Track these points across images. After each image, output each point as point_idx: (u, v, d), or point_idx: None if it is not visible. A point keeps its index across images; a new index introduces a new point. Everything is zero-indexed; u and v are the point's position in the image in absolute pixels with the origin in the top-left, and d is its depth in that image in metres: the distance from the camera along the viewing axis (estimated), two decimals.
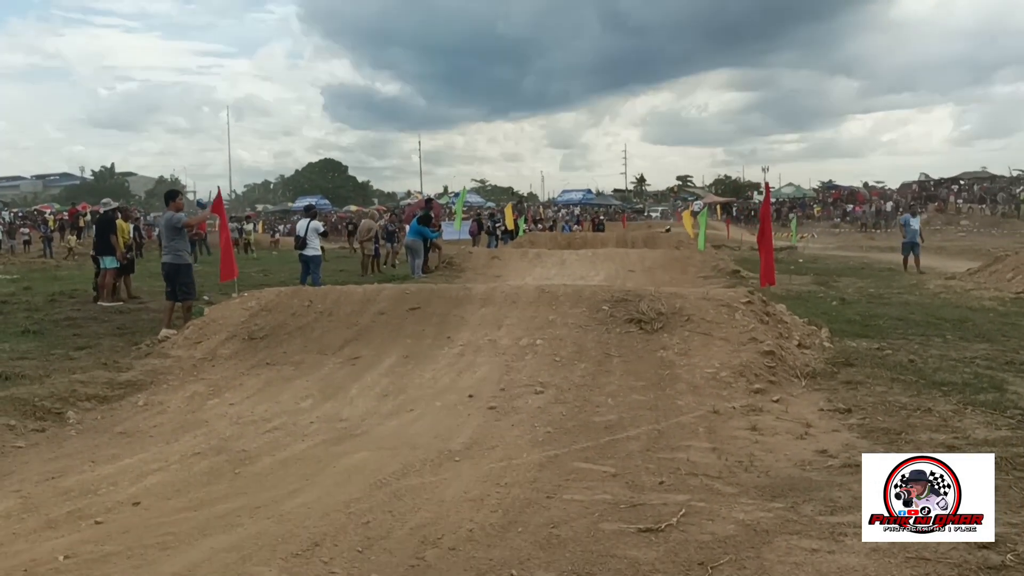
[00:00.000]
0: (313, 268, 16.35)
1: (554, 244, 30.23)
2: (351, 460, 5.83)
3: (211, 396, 7.85)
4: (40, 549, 4.35)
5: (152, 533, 4.52)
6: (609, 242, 32.77)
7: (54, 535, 4.58)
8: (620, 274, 19.49)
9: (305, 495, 5.12)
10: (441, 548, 4.21)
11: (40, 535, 4.59)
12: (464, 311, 9.87)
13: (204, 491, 5.29)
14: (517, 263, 21.80)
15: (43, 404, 7.21)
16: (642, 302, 9.23)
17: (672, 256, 22.05)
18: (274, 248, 43.90)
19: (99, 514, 4.87)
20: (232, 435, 6.60)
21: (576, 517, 4.57)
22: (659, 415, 6.69)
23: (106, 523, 4.73)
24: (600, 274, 19.67)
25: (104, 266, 15.20)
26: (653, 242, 32.84)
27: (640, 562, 3.98)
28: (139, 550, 4.27)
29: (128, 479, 5.53)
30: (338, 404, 7.47)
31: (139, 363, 8.98)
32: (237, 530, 4.53)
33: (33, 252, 39.35)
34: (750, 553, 4.02)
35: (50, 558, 4.19)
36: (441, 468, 5.57)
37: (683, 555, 4.04)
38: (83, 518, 4.83)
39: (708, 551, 4.07)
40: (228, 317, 10.18)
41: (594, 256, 22.57)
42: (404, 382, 8.02)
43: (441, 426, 6.63)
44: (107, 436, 6.71)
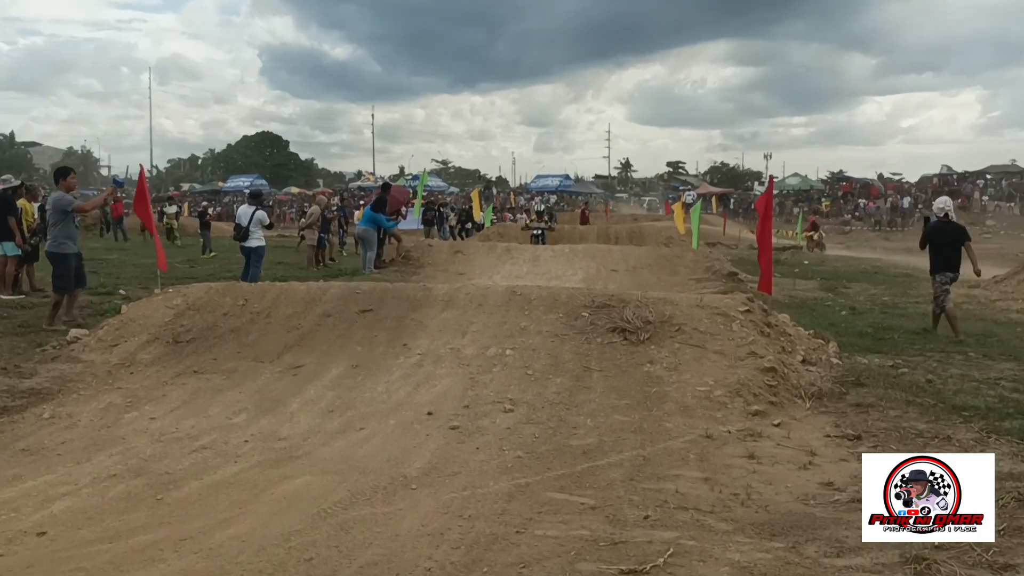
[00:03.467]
0: (254, 260, 16.32)
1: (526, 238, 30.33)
2: (291, 486, 5.84)
3: (129, 408, 7.82)
4: None
5: (60, 568, 4.51)
6: (589, 236, 32.94)
7: None
8: (601, 274, 19.63)
9: (238, 526, 5.12)
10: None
11: None
12: (423, 315, 9.90)
13: (121, 520, 5.29)
14: (484, 259, 21.86)
15: None
16: (627, 309, 9.31)
17: (660, 255, 22.20)
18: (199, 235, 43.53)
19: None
20: (153, 455, 6.58)
21: (549, 556, 4.62)
22: (644, 439, 6.77)
23: (6, 555, 4.72)
24: (578, 274, 19.79)
25: (2, 253, 15.03)
26: (639, 238, 33.06)
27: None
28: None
29: (32, 504, 5.51)
30: (276, 420, 7.47)
31: (44, 368, 8.91)
32: (159, 566, 4.53)
33: None
34: None
35: None
36: (395, 497, 5.59)
37: None
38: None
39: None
40: (149, 317, 10.12)
41: (572, 253, 22.69)
42: (353, 396, 8.03)
43: (395, 448, 6.65)
44: (7, 454, 6.66)
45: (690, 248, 24.27)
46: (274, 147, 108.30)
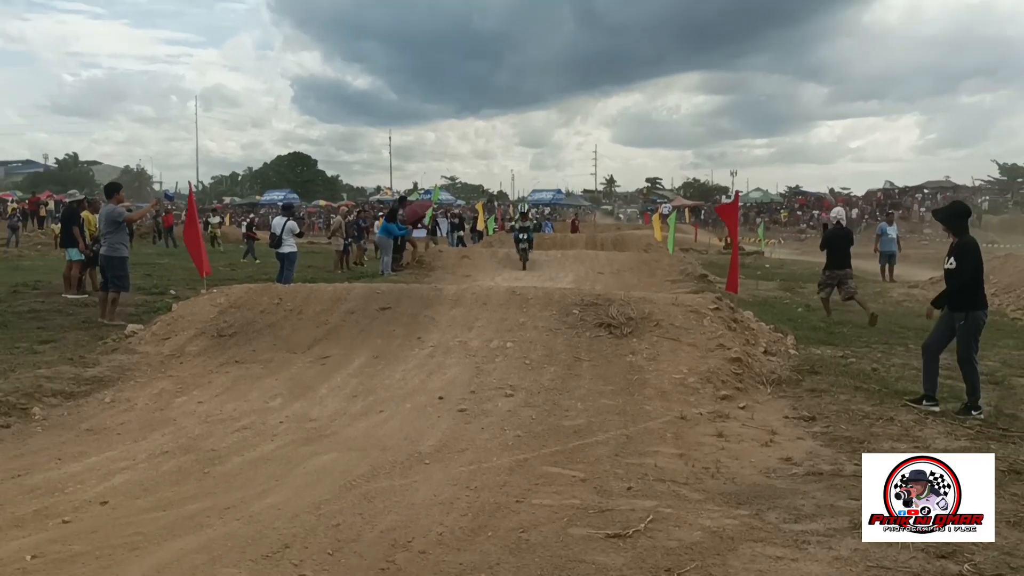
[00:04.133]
0: (287, 264, 16.33)
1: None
2: (320, 461, 5.83)
3: (179, 394, 7.80)
4: (6, 548, 4.31)
5: (120, 533, 4.50)
6: (578, 243, 32.90)
7: (20, 534, 4.54)
8: (589, 276, 19.59)
9: (274, 496, 5.12)
10: (411, 551, 4.23)
11: (6, 534, 4.55)
12: (434, 312, 9.89)
13: (172, 491, 5.28)
14: (487, 263, 21.82)
15: (7, 400, 7.12)
16: (612, 306, 9.31)
17: (641, 259, 22.15)
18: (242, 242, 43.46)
19: (66, 513, 4.84)
20: (200, 434, 6.57)
21: (545, 522, 4.62)
22: (627, 420, 6.77)
23: (73, 522, 4.71)
24: (569, 276, 19.75)
25: (68, 258, 15.07)
26: (622, 244, 33.00)
27: (608, 567, 4.03)
28: (107, 550, 4.26)
29: (95, 477, 5.50)
30: (307, 404, 7.46)
31: (105, 358, 8.89)
32: (206, 531, 4.53)
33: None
34: (716, 560, 4.09)
35: (17, 557, 4.16)
36: (411, 471, 5.59)
37: (650, 561, 4.10)
38: (50, 517, 4.79)
39: (675, 557, 4.13)
40: (196, 313, 10.11)
41: (563, 257, 22.68)
42: (374, 383, 8.02)
43: (411, 428, 6.65)
44: (73, 433, 6.64)
45: (667, 253, 24.23)
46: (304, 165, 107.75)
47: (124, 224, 12.07)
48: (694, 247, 34.91)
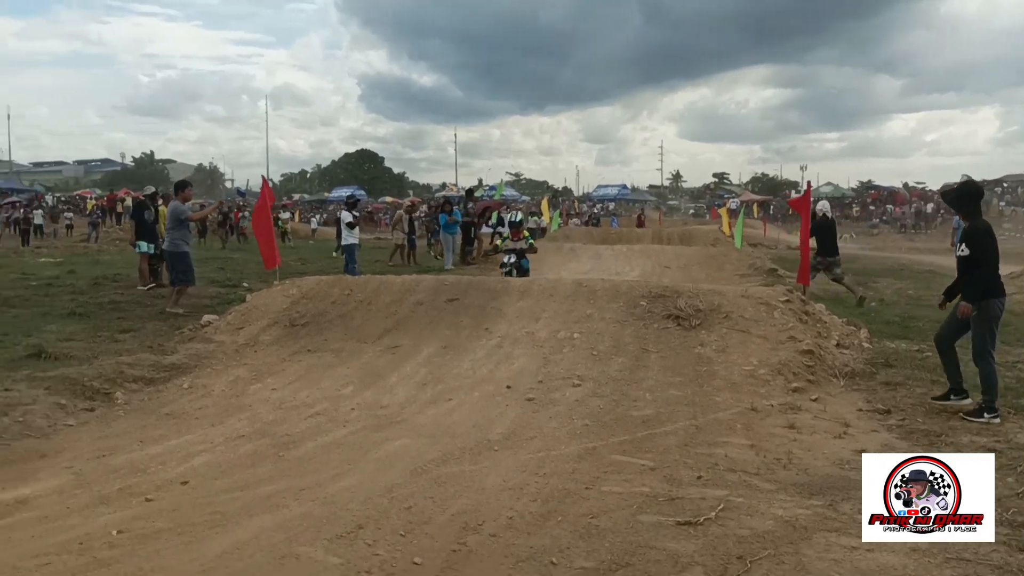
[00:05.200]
0: (347, 256, 16.61)
1: (589, 239, 30.17)
2: (392, 447, 5.93)
3: (254, 381, 7.99)
4: (94, 524, 4.49)
5: (200, 511, 4.65)
6: (645, 238, 32.66)
7: (106, 511, 4.72)
8: (656, 270, 19.47)
9: (348, 479, 5.22)
10: (482, 534, 4.29)
11: (93, 510, 4.74)
12: (502, 303, 9.93)
13: (249, 473, 5.42)
14: (552, 257, 21.79)
15: (92, 384, 7.40)
16: (680, 298, 9.24)
17: (708, 253, 21.93)
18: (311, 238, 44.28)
19: (149, 492, 5.01)
20: (275, 419, 6.73)
21: (615, 508, 4.63)
22: (696, 411, 6.72)
23: (156, 501, 4.87)
24: (635, 270, 19.65)
25: (138, 251, 15.60)
26: (689, 239, 32.67)
27: (679, 554, 4.03)
28: (188, 527, 4.40)
29: (176, 459, 5.68)
30: (378, 392, 7.57)
31: (183, 347, 9.15)
32: (282, 511, 4.64)
33: (75, 236, 40.01)
34: (789, 549, 4.06)
35: (104, 533, 4.33)
36: (480, 457, 5.65)
37: (721, 549, 4.09)
38: (134, 495, 4.97)
39: (747, 545, 4.11)
40: (269, 304, 10.34)
41: (629, 252, 22.54)
42: (442, 372, 8.10)
43: (480, 416, 6.71)
44: (154, 417, 6.86)
45: (734, 248, 23.92)
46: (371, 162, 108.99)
47: (187, 221, 12.44)
48: (763, 242, 34.39)
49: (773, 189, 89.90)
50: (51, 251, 29.24)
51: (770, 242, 35.21)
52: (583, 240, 28.69)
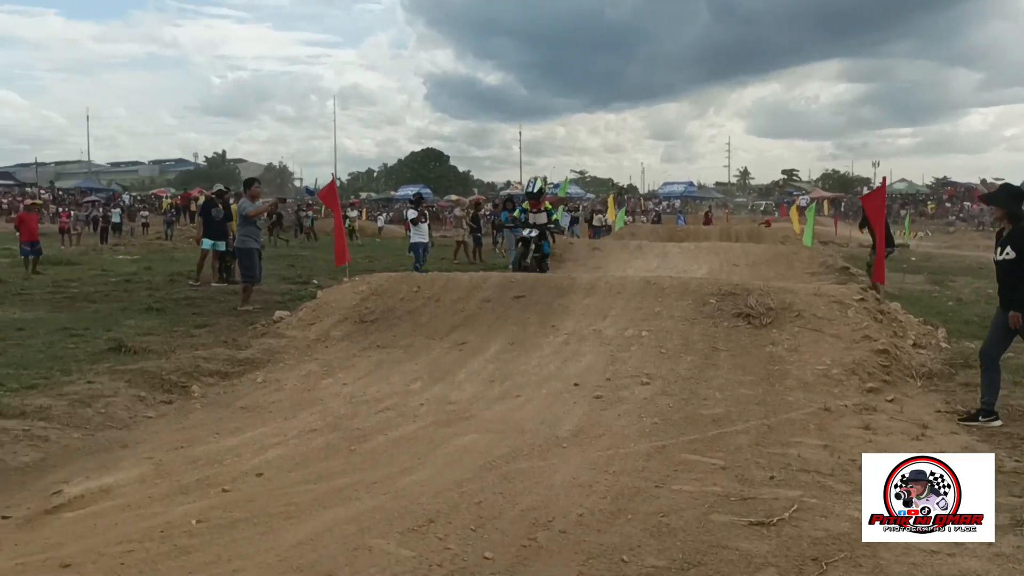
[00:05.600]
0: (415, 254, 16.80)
1: (655, 236, 29.97)
2: (461, 442, 5.97)
3: (325, 376, 8.12)
4: (174, 513, 4.62)
5: (276, 503, 4.74)
6: (712, 236, 32.29)
7: (186, 500, 4.85)
8: (724, 268, 19.21)
9: (418, 473, 5.28)
10: (552, 531, 4.29)
11: (173, 500, 4.87)
12: (568, 300, 9.92)
13: (322, 465, 5.51)
14: (618, 254, 21.70)
15: (170, 378, 7.62)
16: (750, 296, 9.12)
17: (777, 251, 21.56)
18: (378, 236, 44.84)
19: (226, 483, 5.13)
20: (346, 413, 6.83)
21: (686, 507, 4.60)
22: (768, 410, 6.62)
23: (233, 491, 4.99)
24: (703, 268, 19.42)
25: (203, 247, 16.04)
26: (757, 236, 32.21)
27: (752, 555, 3.98)
28: (264, 518, 4.50)
29: (251, 451, 5.80)
30: (446, 387, 7.63)
31: (256, 342, 9.35)
32: (355, 503, 4.71)
33: (151, 234, 41.18)
34: (865, 551, 3.97)
35: (184, 521, 4.45)
36: (549, 453, 5.65)
37: (796, 550, 4.02)
38: (211, 486, 5.09)
39: (822, 547, 4.04)
40: (340, 300, 10.50)
41: (697, 249, 22.28)
42: (510, 368, 8.13)
43: (547, 412, 6.72)
44: (229, 410, 7.03)
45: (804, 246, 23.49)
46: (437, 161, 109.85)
47: (251, 218, 12.62)
48: (834, 240, 33.72)
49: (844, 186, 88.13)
50: (128, 249, 30.14)
51: (841, 240, 34.50)
52: (649, 238, 28.52)
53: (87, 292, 14.28)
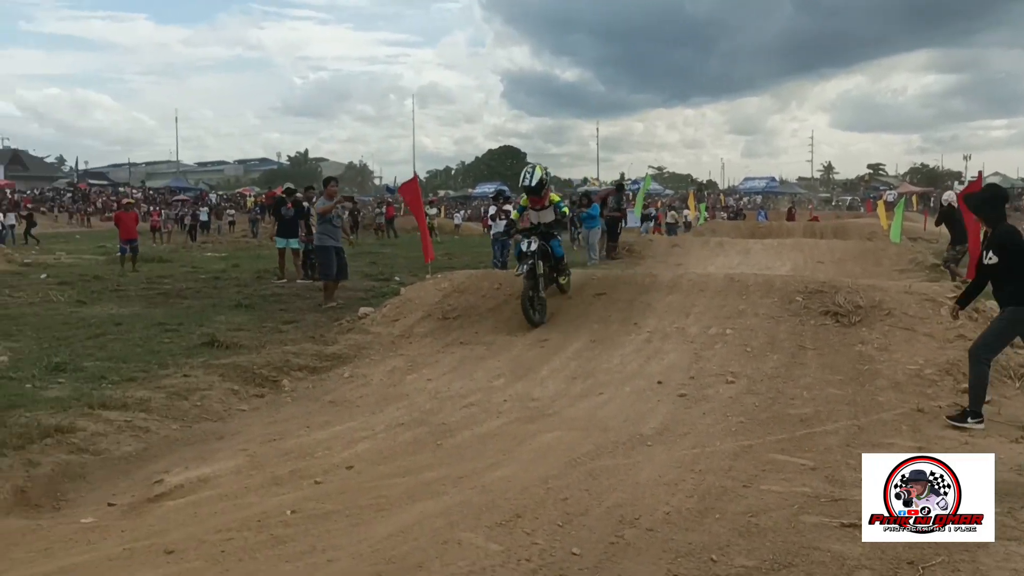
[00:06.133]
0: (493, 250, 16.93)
1: (736, 233, 29.54)
2: (545, 439, 6.01)
3: (410, 371, 8.27)
4: (269, 503, 4.78)
5: (366, 495, 4.86)
6: (796, 232, 31.66)
7: (280, 491, 5.01)
8: (808, 265, 18.81)
9: (504, 469, 5.33)
10: (639, 528, 4.29)
11: (267, 491, 5.04)
12: (650, 298, 9.87)
13: (410, 459, 5.62)
14: (698, 251, 21.45)
15: (261, 372, 7.87)
16: (838, 294, 8.93)
17: (864, 248, 21.01)
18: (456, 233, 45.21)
19: (318, 475, 5.28)
20: (431, 408, 6.94)
21: (775, 508, 4.54)
22: (858, 410, 6.49)
23: (324, 483, 5.13)
24: (787, 265, 19.05)
25: (278, 246, 16.48)
26: (843, 232, 31.43)
27: (845, 556, 3.91)
28: (356, 510, 4.61)
29: (341, 444, 5.95)
30: (529, 384, 7.68)
31: (342, 338, 9.56)
32: (443, 498, 4.79)
33: (237, 232, 42.35)
34: (964, 556, 3.87)
35: (279, 512, 4.60)
36: (633, 451, 5.65)
37: (891, 553, 3.94)
38: (304, 477, 5.25)
39: (918, 551, 3.94)
40: (423, 297, 10.66)
41: (780, 246, 21.88)
42: (592, 366, 8.14)
43: (631, 410, 6.71)
44: (318, 404, 7.22)
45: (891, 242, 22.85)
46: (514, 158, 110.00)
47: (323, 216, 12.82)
48: (923, 236, 32.69)
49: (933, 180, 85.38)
50: (216, 246, 31.10)
51: (931, 236, 33.41)
52: (730, 234, 28.11)
53: (179, 288, 14.80)
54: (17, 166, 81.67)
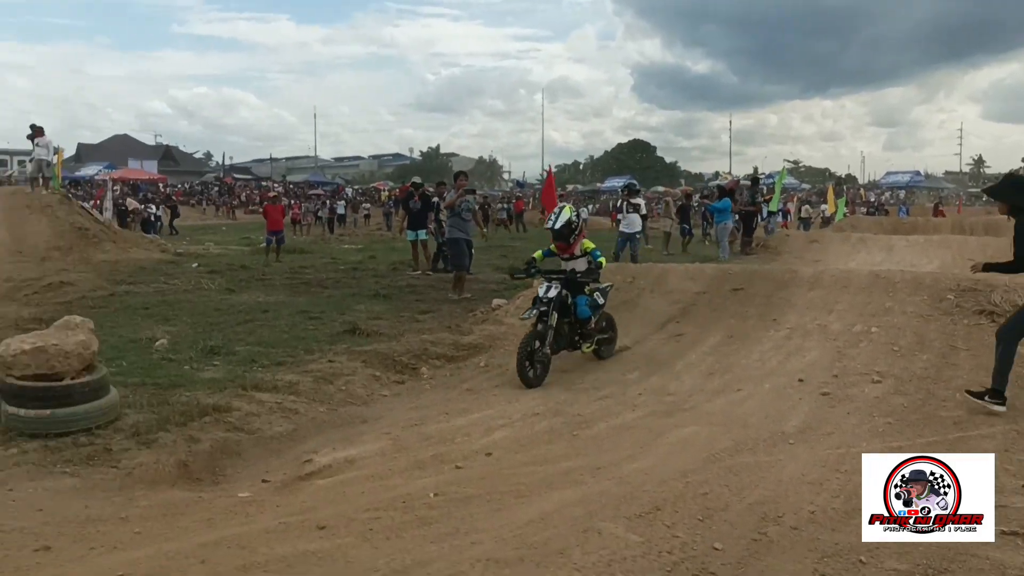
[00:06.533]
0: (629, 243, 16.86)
1: (878, 229, 28.36)
2: (682, 433, 5.97)
3: None
4: (413, 485, 4.94)
5: (505, 482, 4.95)
6: (943, 228, 30.14)
7: (422, 475, 5.17)
8: (957, 263, 17.89)
9: (641, 461, 5.33)
10: (782, 526, 4.21)
11: (411, 473, 5.21)
12: (790, 294, 9.61)
13: (546, 448, 5.70)
14: (838, 247, 20.75)
15: (401, 359, 8.12)
16: (994, 293, 8.46)
17: None
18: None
19: (458, 460, 5.42)
20: (566, 399, 7.00)
21: None
22: (1017, 415, 6.13)
23: (465, 468, 5.26)
24: (934, 262, 18.20)
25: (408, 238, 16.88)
26: (995, 229, 29.70)
27: (1005, 565, 3.74)
28: (496, 496, 4.71)
29: (479, 431, 6.09)
30: (664, 378, 7.63)
31: (477, 328, 9.73)
32: (581, 487, 4.84)
33: (372, 225, 43.60)
34: None
35: (422, 494, 4.74)
36: (775, 449, 5.54)
37: None
38: (445, 462, 5.40)
39: None
40: None
41: (926, 243, 20.92)
42: (729, 361, 8.00)
43: (771, 408, 6.57)
44: (456, 392, 7.40)
45: None
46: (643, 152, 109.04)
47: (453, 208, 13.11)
48: None
49: None
50: (352, 239, 32.12)
51: None
52: (871, 230, 27.01)
53: (320, 278, 15.39)
54: (169, 161, 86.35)
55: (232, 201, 58.55)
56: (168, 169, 79.75)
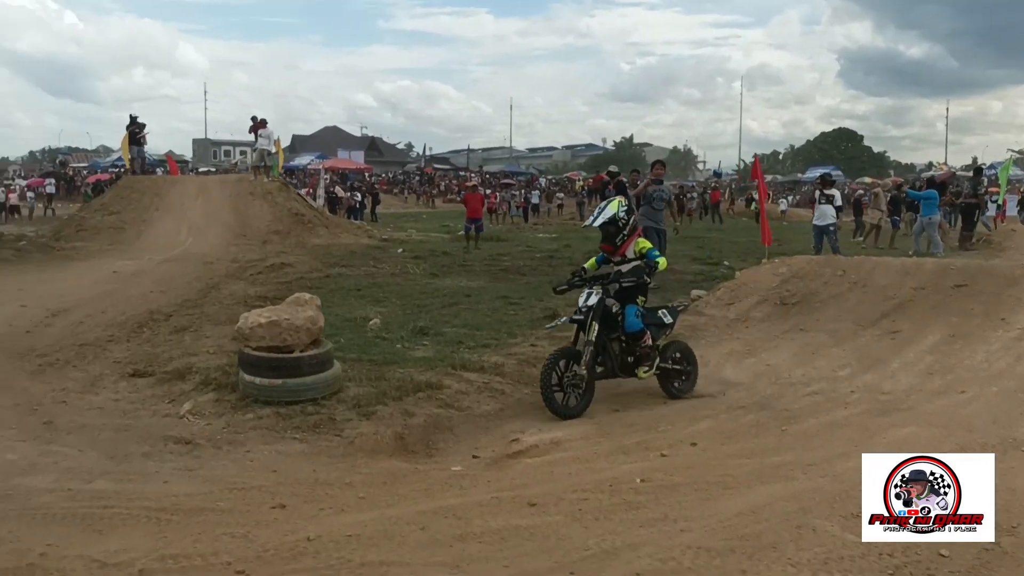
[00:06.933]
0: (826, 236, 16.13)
1: None
2: (899, 433, 5.68)
3: (748, 355, 8.18)
4: (619, 470, 4.99)
5: (712, 472, 4.90)
6: None
7: (627, 460, 5.21)
8: None
9: (855, 460, 5.05)
10: (1017, 537, 3.94)
11: (616, 458, 5.26)
12: (1021, 291, 8.90)
13: (753, 442, 5.59)
14: None
15: None
16: None
17: None
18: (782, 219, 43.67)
19: (663, 448, 5.42)
20: (772, 394, 6.84)
21: None
22: None
23: (670, 457, 5.25)
24: None
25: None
26: None
27: None
28: (703, 485, 4.67)
29: (683, 421, 6.07)
30: (878, 376, 7.30)
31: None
32: (792, 482, 4.71)
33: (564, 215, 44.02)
34: None
35: (629, 479, 4.78)
36: (1005, 456, 5.15)
37: None
38: (650, 449, 5.42)
39: None
40: (758, 282, 10.45)
41: None
42: (951, 361, 7.53)
43: (999, 411, 6.13)
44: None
45: None
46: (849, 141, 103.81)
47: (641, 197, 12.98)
48: None
49: None
50: (546, 228, 32.54)
51: None
52: None
53: (518, 265, 15.73)
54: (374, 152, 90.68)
55: (432, 190, 60.72)
56: (373, 159, 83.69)
